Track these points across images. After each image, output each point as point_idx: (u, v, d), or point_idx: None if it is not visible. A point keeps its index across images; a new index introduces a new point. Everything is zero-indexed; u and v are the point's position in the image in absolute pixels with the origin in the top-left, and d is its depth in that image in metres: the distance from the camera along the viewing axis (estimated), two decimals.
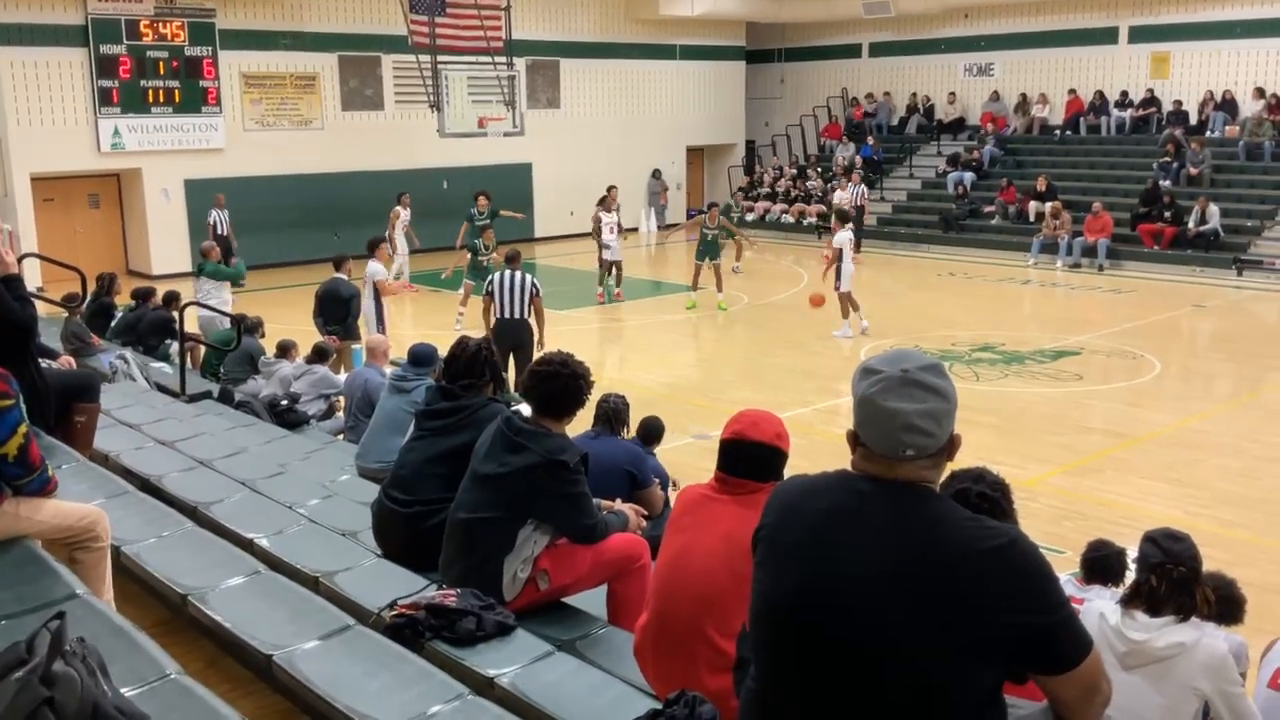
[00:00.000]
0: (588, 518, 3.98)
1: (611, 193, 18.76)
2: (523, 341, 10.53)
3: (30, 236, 17.84)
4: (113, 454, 5.55)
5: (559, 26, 25.25)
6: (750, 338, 15.70)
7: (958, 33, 26.44)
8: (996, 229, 22.67)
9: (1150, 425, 10.82)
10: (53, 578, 2.97)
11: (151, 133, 20.13)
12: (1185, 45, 23.16)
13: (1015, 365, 13.10)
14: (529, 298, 10.67)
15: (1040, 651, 2.00)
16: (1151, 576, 3.36)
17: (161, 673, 2.40)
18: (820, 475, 2.20)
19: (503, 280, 10.70)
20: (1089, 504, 8.58)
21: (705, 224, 17.29)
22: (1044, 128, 25.02)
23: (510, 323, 10.56)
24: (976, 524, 2.02)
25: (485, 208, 17.98)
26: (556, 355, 4.21)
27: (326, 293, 11.52)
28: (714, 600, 3.15)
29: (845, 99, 28.59)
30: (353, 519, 4.86)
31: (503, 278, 10.73)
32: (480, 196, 18.10)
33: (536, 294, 10.78)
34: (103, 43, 19.42)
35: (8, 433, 3.01)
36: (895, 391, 2.03)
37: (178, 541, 4.07)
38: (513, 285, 10.65)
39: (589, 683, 3.30)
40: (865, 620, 1.99)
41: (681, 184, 28.49)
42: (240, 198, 19.75)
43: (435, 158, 22.49)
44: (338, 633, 3.31)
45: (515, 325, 10.56)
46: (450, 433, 4.49)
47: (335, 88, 22.28)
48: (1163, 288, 18.51)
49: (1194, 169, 21.30)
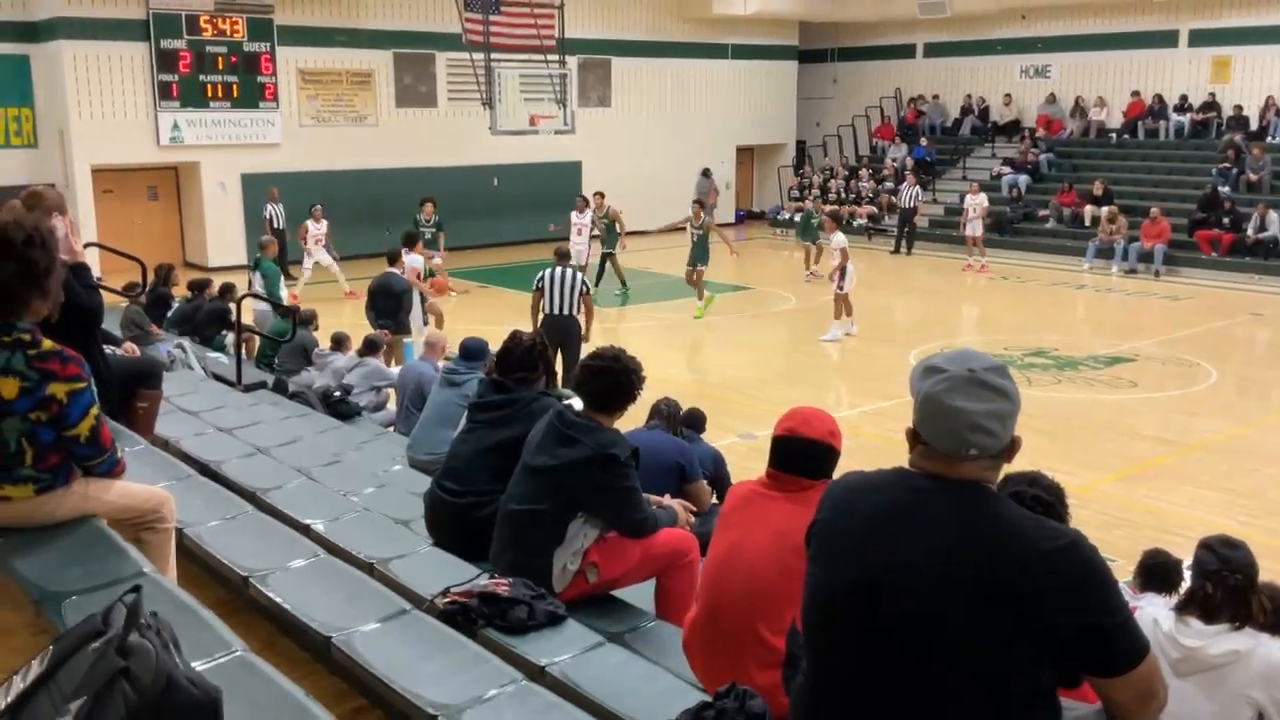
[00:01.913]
0: (637, 511, 4.01)
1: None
2: (571, 337, 10.57)
3: (90, 227, 18.20)
4: (173, 439, 5.68)
5: (611, 25, 25.31)
6: (797, 338, 15.65)
7: (1014, 34, 26.15)
8: (1051, 233, 22.40)
9: (1204, 434, 10.66)
10: (120, 556, 3.05)
11: (210, 127, 20.46)
12: (1247, 50, 22.73)
13: (1069, 371, 12.95)
14: (578, 294, 10.72)
15: (1097, 652, 1.99)
16: (1207, 583, 3.33)
17: (228, 649, 2.47)
18: (877, 472, 2.21)
19: (553, 276, 10.73)
20: (1141, 512, 8.48)
21: (691, 224, 16.84)
22: (1101, 131, 24.68)
23: (559, 319, 10.60)
24: (1038, 524, 2.03)
25: (431, 216, 17.35)
26: (609, 350, 4.22)
27: (379, 287, 11.66)
28: (764, 596, 3.17)
29: (899, 99, 28.39)
30: (405, 508, 4.94)
31: (553, 274, 10.75)
32: (426, 203, 17.49)
33: (586, 291, 10.84)
34: (163, 37, 19.77)
35: (80, 414, 3.09)
36: (961, 390, 2.03)
37: (239, 525, 4.16)
38: (563, 281, 10.68)
39: (639, 674, 3.33)
40: (922, 616, 1.99)
41: (731, 183, 28.43)
42: (294, 192, 20.00)
43: (486, 155, 22.64)
44: (394, 617, 3.37)
45: (564, 321, 10.59)
46: (502, 425, 4.54)
47: (390, 84, 22.50)
48: (1220, 295, 18.19)
49: (1254, 175, 20.91)
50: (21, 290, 3.03)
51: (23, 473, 3.12)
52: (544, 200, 23.24)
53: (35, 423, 3.06)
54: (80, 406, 3.07)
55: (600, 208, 18.31)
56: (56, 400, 3.04)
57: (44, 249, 3.06)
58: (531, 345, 4.80)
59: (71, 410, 3.06)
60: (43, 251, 3.05)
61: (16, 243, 2.99)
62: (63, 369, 3.05)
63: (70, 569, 2.96)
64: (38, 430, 3.08)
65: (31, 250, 3.02)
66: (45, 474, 3.16)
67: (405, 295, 11.69)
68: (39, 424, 3.07)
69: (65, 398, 3.04)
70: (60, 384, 3.04)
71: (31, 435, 3.08)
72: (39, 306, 3.09)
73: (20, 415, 3.05)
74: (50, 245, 3.10)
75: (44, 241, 3.06)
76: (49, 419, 3.07)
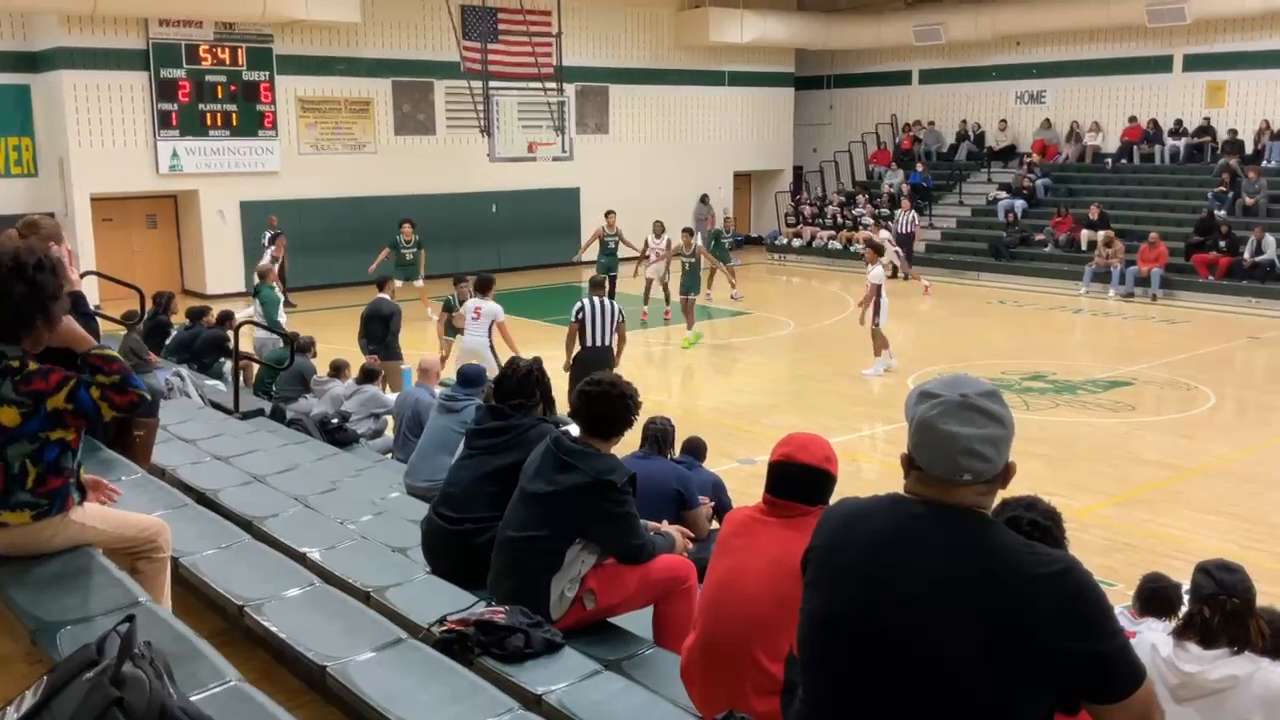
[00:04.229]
0: (635, 538, 4.01)
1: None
2: (607, 367, 10.39)
3: (89, 255, 18.25)
4: (170, 468, 5.67)
5: (609, 53, 25.48)
6: (795, 363, 15.66)
7: (1009, 60, 26.32)
8: (1048, 257, 22.47)
9: (1204, 458, 10.65)
10: (116, 585, 3.05)
11: (209, 155, 20.55)
12: (1241, 74, 22.89)
13: (1066, 395, 12.96)
14: (615, 324, 10.60)
15: (1094, 679, 1.99)
16: (1204, 608, 3.33)
17: (223, 679, 2.46)
18: (872, 498, 2.21)
19: (593, 308, 10.54)
20: (1140, 536, 8.46)
21: (681, 251, 16.62)
22: (1096, 155, 24.80)
23: (597, 350, 10.41)
24: (1033, 550, 2.03)
25: (410, 237, 17.59)
26: (605, 376, 4.25)
27: (371, 313, 11.69)
28: (762, 622, 3.16)
29: (895, 125, 28.54)
30: (402, 536, 4.93)
31: (593, 306, 10.56)
32: (405, 224, 17.75)
33: (622, 320, 10.75)
34: (163, 67, 19.90)
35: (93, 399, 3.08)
36: (955, 416, 2.03)
37: (234, 554, 4.14)
38: (603, 313, 10.53)
39: (636, 702, 3.31)
40: (918, 643, 1.99)
41: (729, 210, 28.53)
42: (294, 220, 20.09)
43: (485, 182, 22.74)
44: (390, 646, 3.35)
45: (602, 353, 10.38)
46: (500, 452, 4.54)
47: (389, 112, 22.62)
48: (1217, 318, 18.22)
49: (1249, 199, 21.00)
50: (28, 314, 3.05)
51: (21, 498, 3.12)
52: (542, 226, 23.35)
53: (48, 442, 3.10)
54: (85, 397, 3.07)
55: (612, 226, 18.41)
56: (66, 411, 3.06)
57: (54, 275, 3.08)
58: (529, 371, 4.81)
59: (86, 402, 3.06)
60: (52, 277, 3.07)
61: (28, 266, 3.02)
62: (47, 383, 3.06)
63: (66, 598, 2.96)
64: (44, 451, 3.10)
65: (42, 275, 3.04)
66: (43, 499, 3.16)
67: (393, 318, 11.69)
68: (53, 443, 3.10)
69: (71, 403, 3.06)
70: (55, 396, 3.05)
71: (37, 456, 3.10)
72: (42, 330, 3.11)
73: (29, 437, 3.06)
74: (60, 272, 3.13)
75: (54, 268, 3.09)
76: (82, 424, 3.15)
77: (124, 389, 3.11)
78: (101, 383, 3.08)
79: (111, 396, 3.09)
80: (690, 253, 16.56)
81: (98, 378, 3.08)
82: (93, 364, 3.10)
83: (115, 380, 3.10)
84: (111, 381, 3.10)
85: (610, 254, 18.31)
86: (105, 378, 3.09)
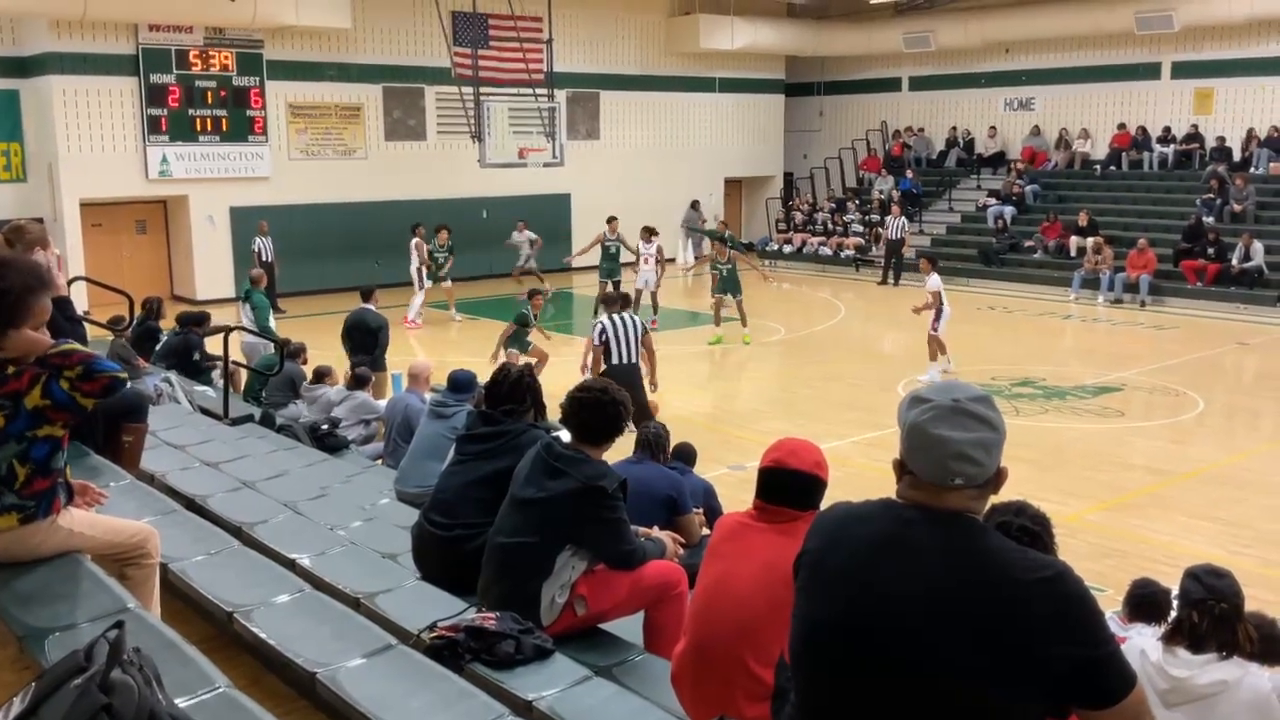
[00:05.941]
0: (625, 544, 4.00)
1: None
2: (635, 385, 10.05)
3: (78, 261, 18.18)
4: (159, 474, 5.65)
5: (599, 59, 25.51)
6: (785, 369, 15.68)
7: (998, 67, 26.43)
8: (1037, 263, 22.55)
9: (1193, 463, 10.68)
10: (104, 592, 3.03)
11: (199, 160, 20.50)
12: (1229, 81, 23.01)
13: (1056, 400, 12.99)
14: (639, 338, 10.41)
15: (1085, 684, 1.99)
16: (1193, 612, 3.34)
17: (212, 685, 2.45)
18: (864, 503, 2.21)
19: (616, 326, 10.35)
20: (1130, 541, 8.48)
21: (715, 260, 16.79)
22: (1085, 162, 24.90)
23: (625, 368, 10.18)
24: (1024, 555, 2.03)
25: (445, 242, 18.51)
26: (596, 382, 4.25)
27: (356, 323, 11.63)
28: (752, 628, 3.16)
29: (885, 132, 28.62)
30: (392, 542, 4.91)
31: (614, 324, 10.37)
32: (441, 230, 18.77)
33: (645, 332, 10.57)
34: (153, 72, 19.85)
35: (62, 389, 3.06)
36: (946, 420, 2.04)
37: (224, 560, 4.13)
38: (627, 330, 10.36)
39: (627, 708, 3.30)
40: (909, 648, 1.99)
41: (720, 215, 28.59)
42: (284, 225, 20.04)
43: (475, 187, 22.73)
44: (380, 652, 3.35)
45: (629, 370, 10.16)
46: (491, 457, 4.53)
47: (379, 118, 22.60)
48: (1206, 324, 18.30)
49: (1237, 205, 21.11)
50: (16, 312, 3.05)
51: (8, 500, 3.12)
52: (534, 232, 23.31)
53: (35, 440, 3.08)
54: (57, 390, 3.06)
55: (614, 232, 18.42)
56: (45, 407, 3.06)
57: (15, 278, 3.09)
58: (520, 377, 4.81)
59: (59, 396, 3.06)
60: (17, 277, 3.08)
61: None
62: (21, 382, 3.06)
63: (54, 605, 2.95)
64: (32, 450, 3.09)
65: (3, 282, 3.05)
66: (30, 501, 3.15)
67: (381, 331, 11.60)
68: (41, 440, 3.10)
69: (47, 398, 3.06)
70: (31, 393, 3.05)
71: (25, 455, 3.09)
72: (11, 336, 3.10)
73: (15, 438, 3.06)
74: (47, 279, 3.13)
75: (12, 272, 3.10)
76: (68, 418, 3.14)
77: (90, 376, 3.11)
78: (69, 377, 3.08)
79: (81, 387, 3.09)
80: (725, 261, 16.57)
81: (64, 374, 3.08)
82: (53, 364, 3.10)
83: (79, 371, 3.10)
84: (76, 374, 3.10)
85: (612, 259, 18.32)
86: (70, 371, 3.09)
